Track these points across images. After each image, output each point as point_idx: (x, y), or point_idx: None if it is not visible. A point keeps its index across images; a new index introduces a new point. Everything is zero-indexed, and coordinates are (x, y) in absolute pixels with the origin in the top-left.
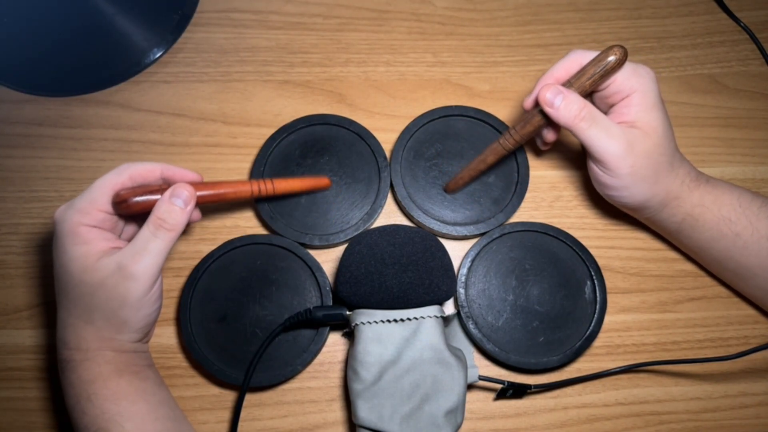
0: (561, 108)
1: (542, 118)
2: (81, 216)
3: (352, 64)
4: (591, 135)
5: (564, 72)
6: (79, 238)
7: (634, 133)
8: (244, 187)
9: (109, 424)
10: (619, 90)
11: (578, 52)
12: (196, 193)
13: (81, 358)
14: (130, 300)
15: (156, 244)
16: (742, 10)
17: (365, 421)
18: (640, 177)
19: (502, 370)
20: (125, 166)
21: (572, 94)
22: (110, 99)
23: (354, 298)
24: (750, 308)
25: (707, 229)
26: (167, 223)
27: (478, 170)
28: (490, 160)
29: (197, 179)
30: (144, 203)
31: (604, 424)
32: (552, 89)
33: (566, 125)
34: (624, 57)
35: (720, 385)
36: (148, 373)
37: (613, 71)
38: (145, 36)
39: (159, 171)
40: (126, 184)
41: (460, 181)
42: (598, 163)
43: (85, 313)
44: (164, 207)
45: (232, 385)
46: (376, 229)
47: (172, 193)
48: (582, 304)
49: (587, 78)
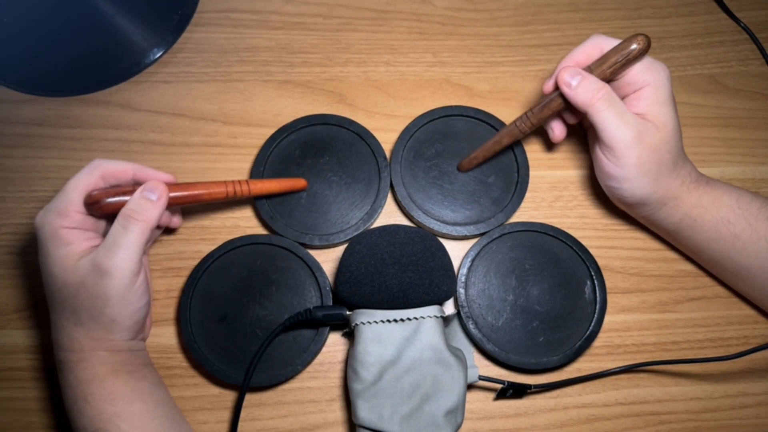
0: (579, 88)
1: (561, 102)
2: (60, 219)
3: (352, 64)
4: (606, 117)
5: (585, 56)
6: (60, 240)
7: (646, 125)
8: (219, 189)
9: (106, 424)
10: (632, 81)
11: (600, 37)
12: (170, 193)
13: (76, 359)
14: (112, 297)
15: (127, 237)
16: (742, 10)
17: (365, 421)
18: (644, 170)
19: (502, 370)
20: (96, 163)
21: (590, 76)
22: (110, 99)
23: (354, 298)
24: (750, 308)
25: (705, 230)
26: (138, 214)
27: (492, 151)
28: (505, 142)
29: (170, 180)
30: (117, 204)
31: (604, 424)
32: (571, 70)
33: (583, 105)
34: (647, 46)
35: (720, 385)
36: (145, 373)
37: (635, 60)
38: (145, 36)
39: (131, 172)
40: (98, 184)
41: (474, 160)
42: (606, 149)
43: (73, 315)
44: (135, 200)
45: (232, 385)
46: (376, 229)
47: (144, 188)
48: (582, 304)
49: (608, 66)
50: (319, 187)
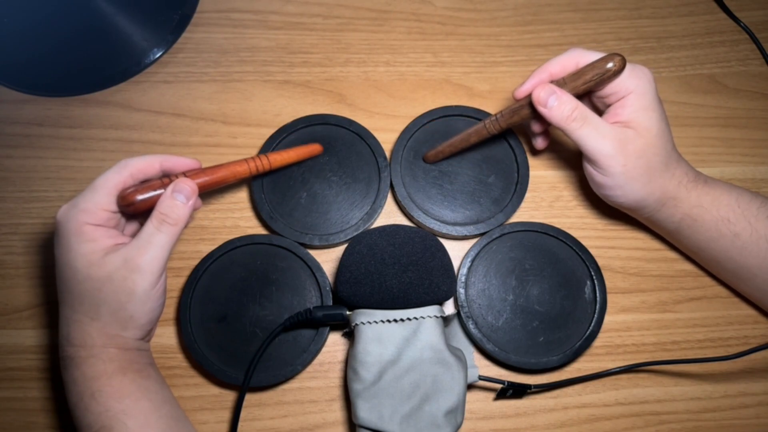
0: (554, 108)
1: (530, 112)
2: (86, 216)
3: (352, 64)
4: (582, 135)
5: (560, 68)
6: (85, 236)
7: (627, 133)
8: (242, 168)
9: (112, 421)
10: (615, 91)
11: (577, 51)
12: (197, 182)
13: (85, 355)
14: (138, 292)
15: (160, 238)
16: (742, 10)
17: (365, 421)
18: (633, 176)
19: (502, 370)
20: (124, 163)
21: (565, 94)
22: (110, 99)
23: (354, 298)
24: (750, 308)
25: (706, 229)
26: (170, 218)
27: (459, 147)
28: (473, 140)
29: (196, 166)
30: (149, 200)
31: (604, 424)
32: (546, 89)
33: (558, 125)
34: (622, 67)
35: (720, 385)
36: (151, 372)
37: (609, 80)
38: (145, 36)
39: (158, 163)
40: (127, 183)
41: (440, 154)
42: (591, 163)
43: (91, 309)
44: (167, 203)
45: (232, 385)
46: (376, 229)
47: (174, 188)
48: (582, 304)
49: (582, 82)
50: (319, 187)
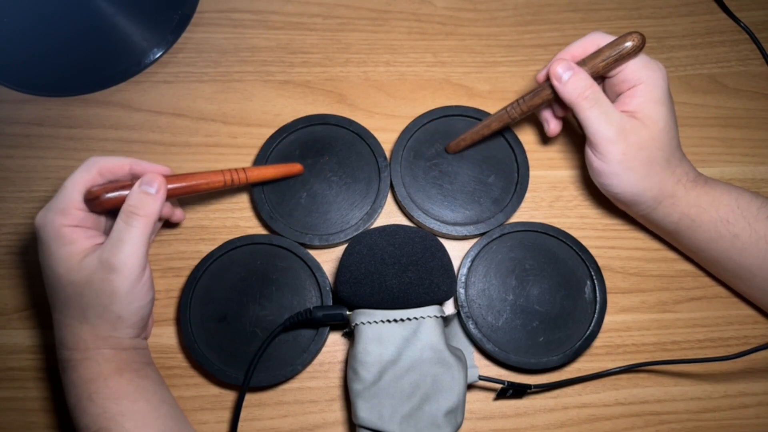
0: (568, 83)
1: (551, 92)
2: (61, 217)
3: (352, 64)
4: (590, 115)
5: (581, 51)
6: (63, 239)
7: (632, 123)
8: (216, 178)
9: (110, 423)
10: (627, 79)
11: (598, 34)
12: (168, 185)
13: (81, 357)
14: (119, 293)
15: (131, 233)
16: (742, 10)
17: (365, 421)
18: (631, 167)
19: (502, 370)
20: (93, 161)
21: (582, 72)
22: (110, 99)
23: (354, 298)
24: (750, 308)
25: (705, 230)
26: (139, 209)
27: (481, 134)
28: (494, 126)
29: (167, 172)
30: (116, 198)
31: (604, 424)
32: (564, 64)
33: (570, 101)
34: (641, 44)
35: (720, 385)
36: (148, 372)
37: (628, 57)
38: (145, 36)
39: (128, 166)
40: (96, 180)
41: (462, 142)
42: (592, 147)
43: (78, 313)
44: (135, 195)
45: (232, 385)
46: (376, 229)
47: (142, 181)
48: (582, 304)
49: (601, 60)
50: (319, 187)
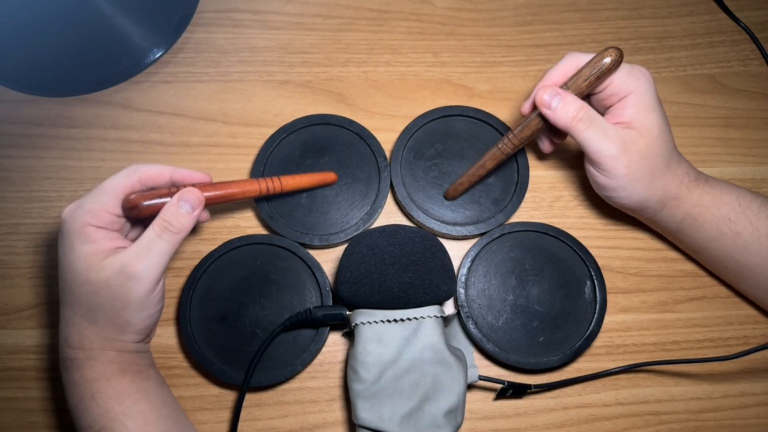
0: (558, 110)
1: (540, 121)
2: (90, 217)
3: (352, 64)
4: (588, 136)
5: (560, 75)
6: (86, 237)
7: (630, 134)
8: (252, 186)
9: (112, 422)
10: (615, 92)
11: (574, 55)
12: (204, 194)
13: (84, 357)
14: (133, 300)
15: (160, 245)
16: (742, 10)
17: (365, 421)
18: (636, 177)
19: (502, 370)
20: (134, 168)
21: (569, 95)
22: (110, 99)
23: (354, 298)
24: (750, 308)
25: (707, 228)
26: (173, 226)
27: (477, 176)
28: (489, 165)
29: (206, 180)
30: (154, 207)
31: (604, 424)
32: (549, 91)
33: (564, 127)
34: (619, 58)
35: (720, 385)
36: (150, 373)
37: (609, 73)
38: (145, 36)
39: (168, 174)
40: (135, 187)
41: (460, 187)
42: (595, 165)
43: (88, 313)
44: (171, 210)
45: (232, 385)
46: (376, 229)
47: (180, 197)
48: (582, 304)
49: (583, 80)
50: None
